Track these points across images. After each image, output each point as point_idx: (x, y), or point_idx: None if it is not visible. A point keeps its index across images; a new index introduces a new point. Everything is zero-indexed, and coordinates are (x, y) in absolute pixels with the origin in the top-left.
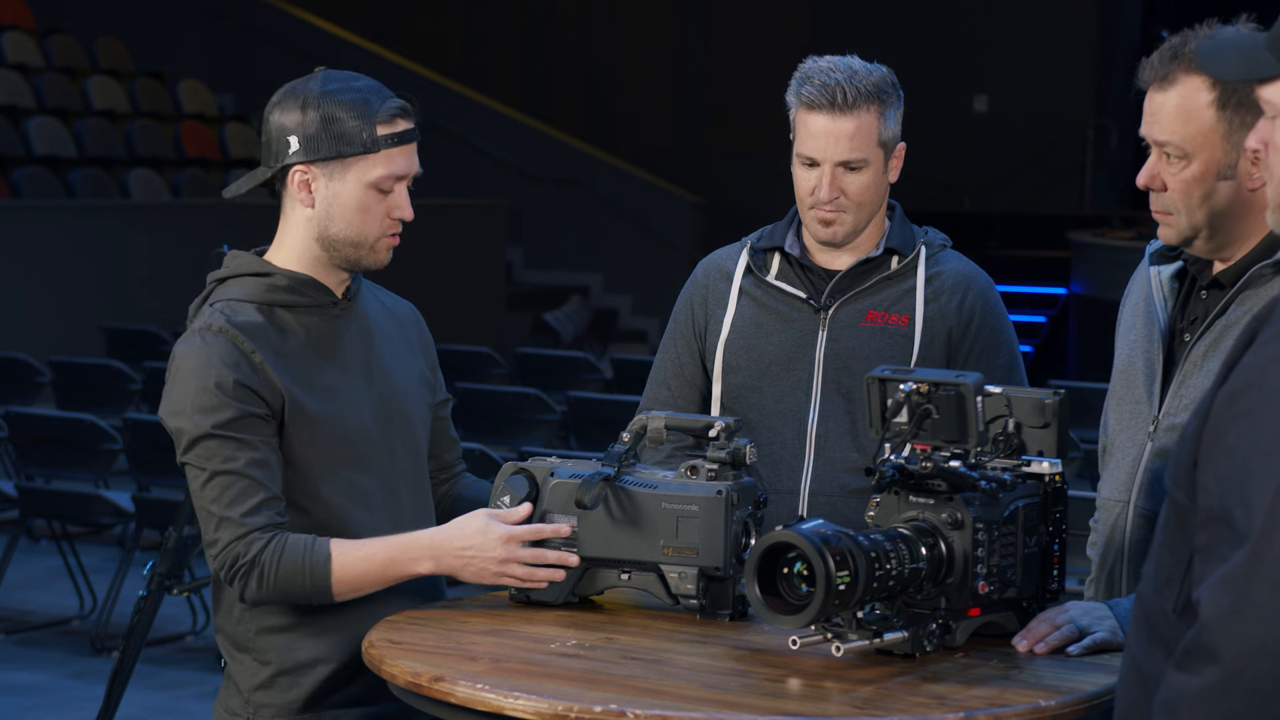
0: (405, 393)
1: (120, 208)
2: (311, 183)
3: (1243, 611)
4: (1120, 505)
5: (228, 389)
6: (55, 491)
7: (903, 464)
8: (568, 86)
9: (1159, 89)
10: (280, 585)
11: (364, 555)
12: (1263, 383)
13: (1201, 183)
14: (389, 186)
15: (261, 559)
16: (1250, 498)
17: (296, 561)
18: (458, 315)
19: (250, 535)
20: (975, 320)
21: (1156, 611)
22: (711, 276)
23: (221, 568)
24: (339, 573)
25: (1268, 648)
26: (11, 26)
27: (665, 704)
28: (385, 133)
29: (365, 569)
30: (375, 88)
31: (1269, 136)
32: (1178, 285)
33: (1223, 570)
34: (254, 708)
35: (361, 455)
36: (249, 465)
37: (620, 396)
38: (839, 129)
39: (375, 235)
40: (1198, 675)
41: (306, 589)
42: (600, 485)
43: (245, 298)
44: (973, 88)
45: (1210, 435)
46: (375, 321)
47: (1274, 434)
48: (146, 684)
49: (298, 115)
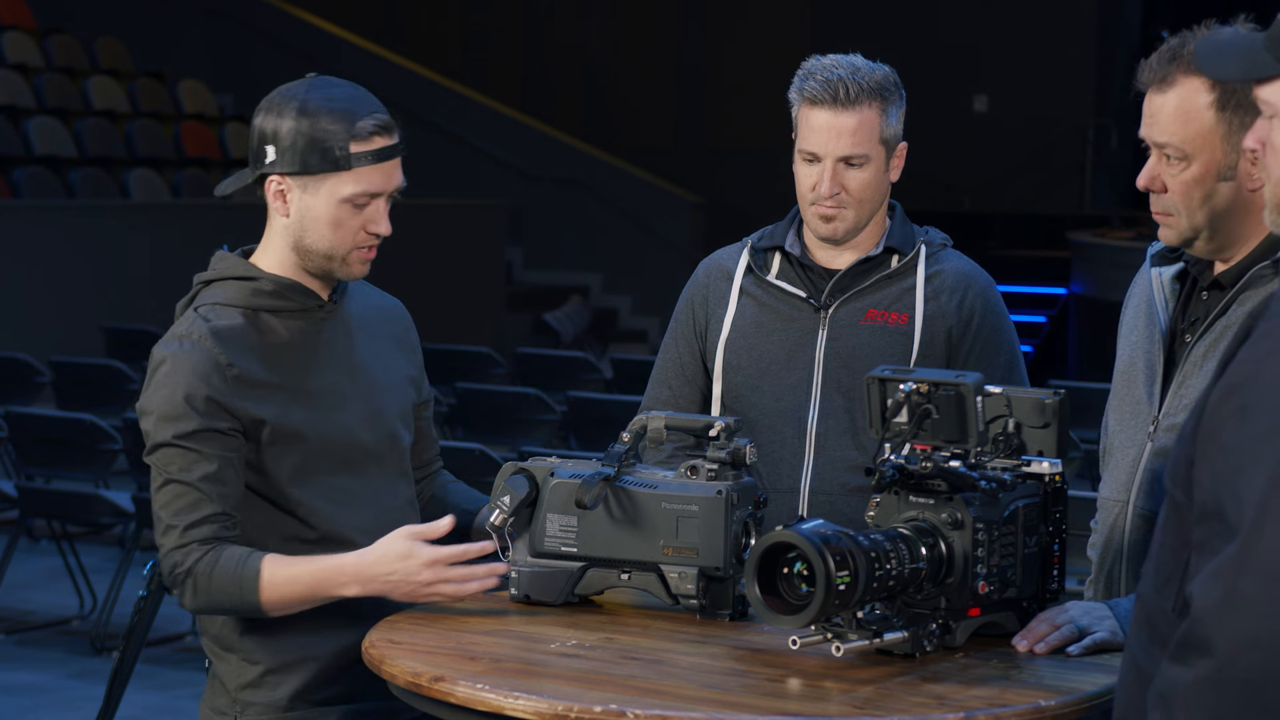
0: (391, 393)
1: (120, 208)
2: (287, 193)
3: (1234, 603)
4: (1120, 505)
5: (196, 402)
6: (55, 491)
7: (903, 464)
8: (568, 86)
9: (1158, 90)
10: (213, 597)
11: (290, 577)
12: (1256, 378)
13: (1202, 184)
14: (363, 203)
15: (196, 570)
16: (1241, 491)
17: (227, 576)
18: (458, 315)
19: (189, 546)
20: (975, 319)
21: (1156, 611)
22: (712, 276)
23: (165, 574)
24: (267, 592)
25: (1259, 639)
26: (11, 26)
27: (665, 704)
28: (359, 150)
29: (291, 591)
30: (359, 101)
31: (1266, 136)
32: (1179, 286)
33: (1214, 563)
34: (241, 706)
35: (346, 458)
36: (202, 479)
37: (620, 396)
38: (841, 124)
39: (348, 249)
40: (1190, 667)
41: (237, 604)
42: (600, 485)
43: (230, 302)
44: (973, 88)
45: (1205, 432)
46: (362, 322)
47: (1266, 427)
48: (146, 684)
49: (277, 124)
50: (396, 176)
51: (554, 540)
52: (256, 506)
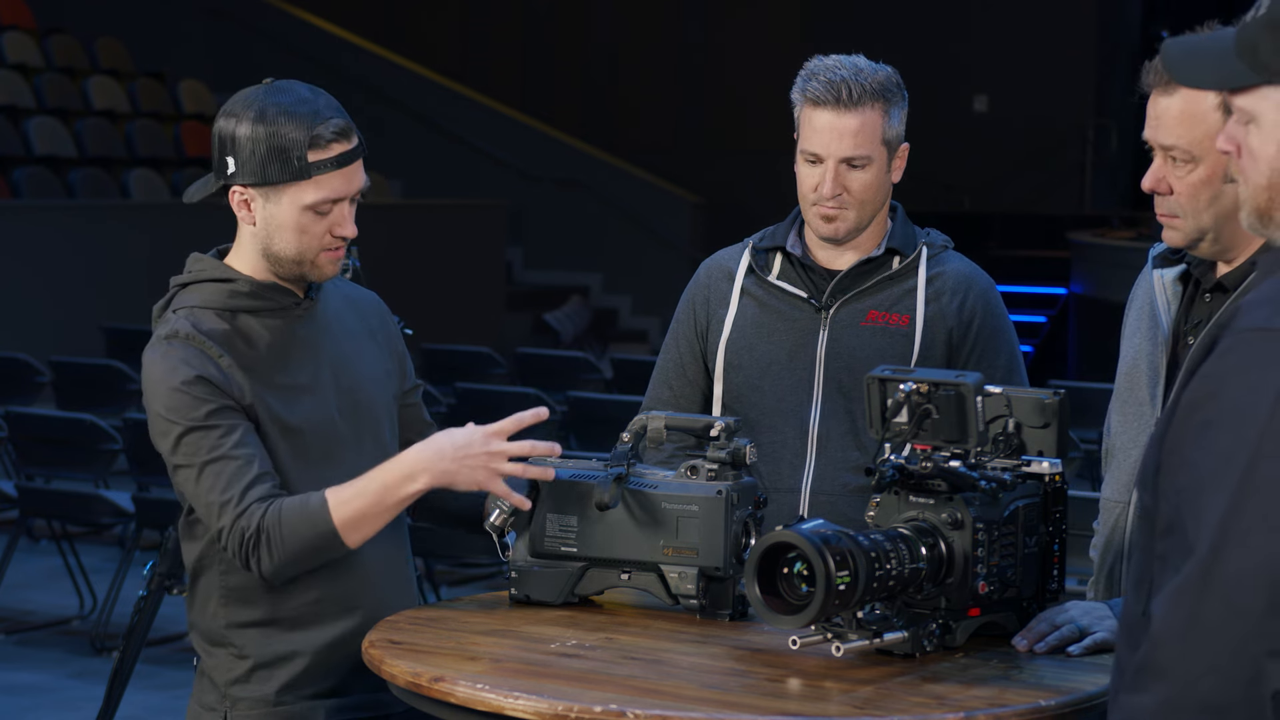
0: (371, 386)
1: (120, 208)
2: (250, 202)
3: (1196, 627)
4: (1121, 506)
5: (199, 388)
6: (55, 491)
7: (903, 464)
8: (568, 86)
9: (1163, 93)
10: (290, 545)
11: (356, 492)
12: (1219, 395)
13: (1209, 185)
14: (325, 209)
15: (265, 525)
16: (1202, 511)
17: (296, 516)
18: (458, 315)
19: (249, 508)
20: (976, 321)
21: (1132, 614)
22: (714, 276)
23: (235, 553)
24: (338, 513)
25: (1220, 663)
26: (11, 26)
27: (665, 704)
28: (318, 159)
29: (361, 504)
30: (317, 107)
31: (1241, 140)
32: (1181, 288)
33: (1173, 584)
34: (231, 702)
35: (330, 453)
36: (235, 447)
37: (620, 396)
38: (843, 125)
39: (315, 252)
40: (1148, 693)
41: (315, 541)
42: (615, 484)
43: (207, 304)
44: (973, 88)
45: (1170, 443)
46: (338, 317)
47: (1228, 448)
48: (146, 684)
49: (235, 134)
50: (358, 179)
51: (554, 540)
52: None
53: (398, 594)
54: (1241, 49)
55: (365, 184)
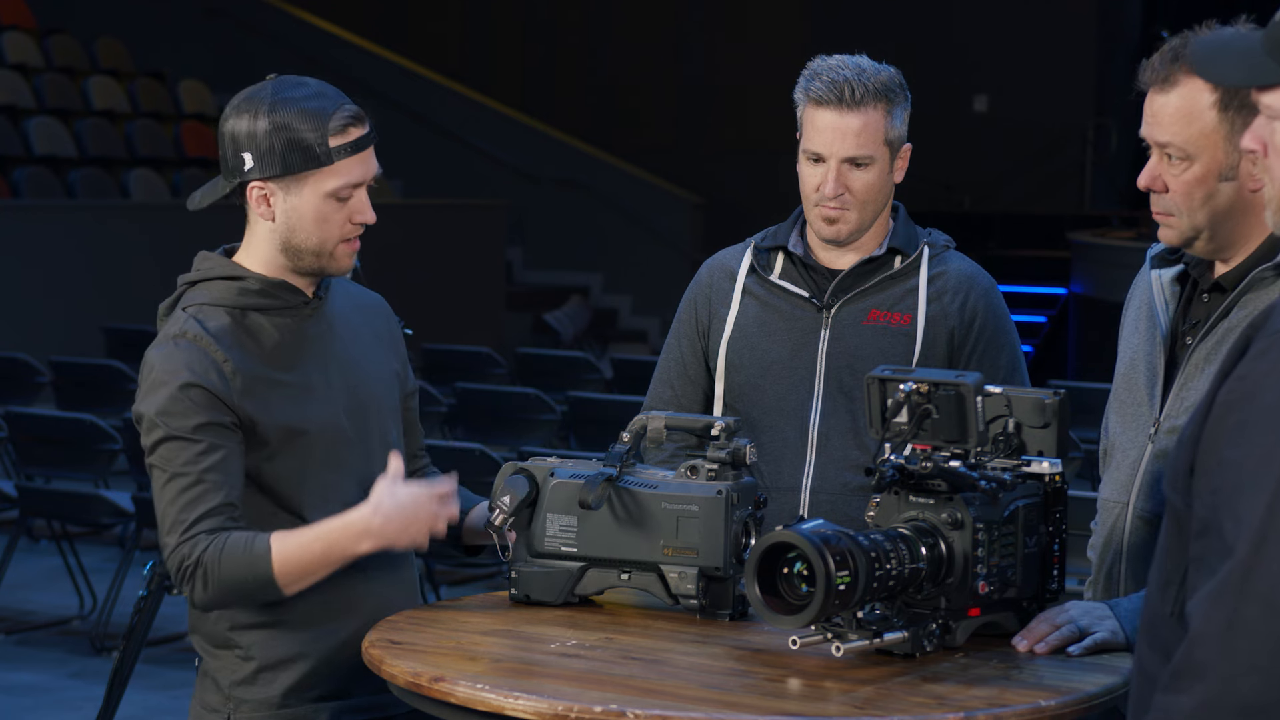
0: (378, 387)
1: (120, 208)
2: (270, 197)
3: (1235, 627)
4: (1120, 506)
5: (195, 395)
6: (55, 491)
7: (903, 464)
8: (568, 86)
9: (1160, 91)
10: (225, 583)
11: (301, 544)
12: (1256, 396)
13: (1204, 184)
14: (347, 195)
15: (204, 559)
16: (1241, 511)
17: (237, 558)
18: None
19: (195, 537)
20: (977, 321)
21: (1158, 615)
22: (715, 276)
23: (172, 575)
24: (280, 563)
25: (1258, 663)
26: (11, 26)
27: (665, 704)
28: (338, 143)
29: (304, 558)
30: (328, 96)
31: (1268, 139)
32: (1179, 288)
33: (1212, 585)
34: (234, 703)
35: (336, 454)
36: (207, 470)
37: (620, 396)
38: (846, 124)
39: (335, 242)
40: (1187, 694)
41: (251, 584)
42: (603, 486)
43: (217, 302)
44: (973, 88)
45: (1205, 444)
46: (346, 318)
47: (1266, 448)
48: (146, 684)
49: (251, 129)
50: (373, 164)
51: (554, 540)
52: (250, 502)
53: (400, 594)
54: (1271, 46)
55: (378, 171)
